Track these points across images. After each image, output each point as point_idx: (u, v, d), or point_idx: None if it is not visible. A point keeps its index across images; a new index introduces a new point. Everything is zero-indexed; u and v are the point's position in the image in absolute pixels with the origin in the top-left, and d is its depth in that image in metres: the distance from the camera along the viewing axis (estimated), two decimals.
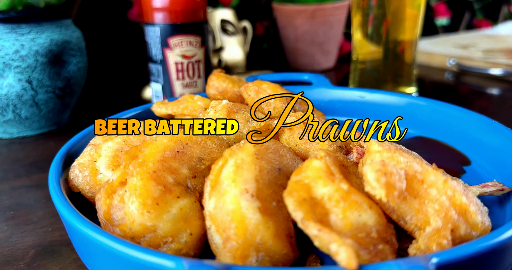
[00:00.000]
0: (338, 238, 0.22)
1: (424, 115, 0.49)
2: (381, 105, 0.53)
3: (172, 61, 0.62)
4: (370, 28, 0.60)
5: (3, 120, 0.64)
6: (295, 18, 0.99)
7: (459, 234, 0.25)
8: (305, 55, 1.04)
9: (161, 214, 0.28)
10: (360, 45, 0.63)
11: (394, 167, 0.25)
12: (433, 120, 0.48)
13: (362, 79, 0.66)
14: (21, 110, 0.64)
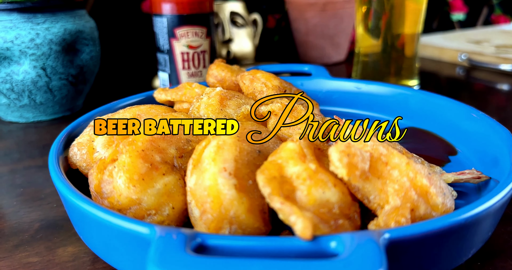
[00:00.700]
0: (297, 211, 0.24)
1: (416, 106, 0.50)
2: (376, 96, 0.54)
3: (178, 51, 0.64)
4: (371, 22, 0.61)
5: (20, 105, 0.68)
6: (306, 11, 1.00)
7: (419, 214, 0.26)
8: (316, 48, 1.05)
9: (145, 189, 0.30)
10: (361, 38, 0.64)
11: (359, 149, 0.27)
12: (425, 111, 0.49)
13: (364, 72, 0.67)
14: (36, 96, 0.67)
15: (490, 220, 0.28)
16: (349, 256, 0.21)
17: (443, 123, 0.47)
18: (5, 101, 0.67)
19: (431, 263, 0.26)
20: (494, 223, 0.30)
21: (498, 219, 0.31)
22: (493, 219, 0.29)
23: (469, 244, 0.27)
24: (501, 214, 0.31)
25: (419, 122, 0.50)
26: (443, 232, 0.25)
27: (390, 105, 0.53)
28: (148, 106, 0.41)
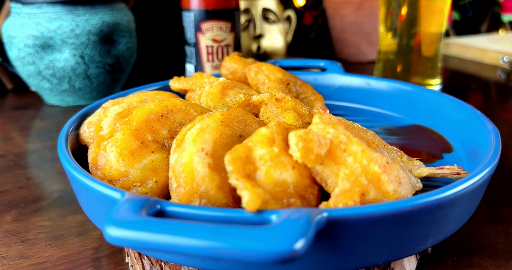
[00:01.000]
0: (248, 186, 0.27)
1: (422, 104, 0.51)
2: (385, 92, 0.55)
3: (203, 44, 0.68)
4: (389, 21, 0.61)
5: (60, 90, 0.75)
6: (342, 8, 1.00)
7: (369, 199, 0.28)
8: (351, 46, 1.05)
9: (133, 163, 0.34)
10: (382, 37, 0.65)
11: (318, 136, 0.29)
12: (430, 109, 0.50)
13: (385, 70, 0.67)
14: (75, 82, 0.74)
15: (444, 212, 0.29)
16: (278, 225, 0.23)
17: (445, 121, 0.47)
18: (48, 86, 0.74)
19: (378, 246, 0.28)
20: (457, 216, 0.31)
21: (465, 212, 0.31)
22: (451, 212, 0.29)
23: (419, 233, 0.28)
24: (468, 208, 0.32)
25: (423, 120, 0.51)
26: (381, 217, 0.26)
27: (397, 101, 0.54)
28: (155, 92, 0.45)
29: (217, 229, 0.23)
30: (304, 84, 0.52)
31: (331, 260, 0.28)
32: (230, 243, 0.22)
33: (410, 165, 0.37)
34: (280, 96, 0.39)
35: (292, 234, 0.22)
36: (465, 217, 0.32)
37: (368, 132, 0.36)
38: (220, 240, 0.22)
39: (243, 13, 0.86)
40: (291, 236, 0.22)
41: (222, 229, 0.23)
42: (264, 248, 0.21)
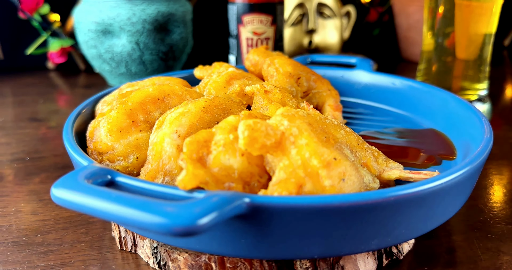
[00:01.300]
0: (189, 167, 0.29)
1: (442, 109, 0.48)
2: (408, 93, 0.53)
3: (244, 36, 0.70)
4: (430, 19, 0.58)
5: (119, 73, 0.82)
6: (408, 5, 0.97)
7: (305, 191, 0.28)
8: (417, 45, 1.01)
9: (119, 139, 0.38)
10: (424, 36, 0.62)
11: (267, 126, 0.30)
12: (448, 115, 0.47)
13: (426, 72, 0.64)
14: (131, 66, 0.80)
15: (383, 215, 0.28)
16: (192, 202, 0.25)
17: (458, 128, 0.45)
18: (108, 68, 0.82)
19: (308, 239, 0.28)
20: (410, 222, 0.30)
21: (421, 220, 0.30)
22: (395, 216, 0.29)
23: (353, 232, 0.28)
24: (426, 215, 0.30)
25: (440, 124, 0.48)
26: (300, 209, 0.26)
27: (418, 103, 0.52)
28: (166, 77, 0.49)
29: (135, 200, 0.25)
30: (320, 80, 0.52)
31: (262, 246, 0.29)
32: (138, 214, 0.24)
33: (384, 166, 0.36)
34: (269, 88, 0.40)
35: (197, 211, 0.24)
36: (424, 225, 0.31)
37: (342, 130, 0.35)
38: (131, 209, 0.24)
39: (297, 7, 0.87)
40: (195, 212, 0.24)
41: (140, 200, 0.25)
42: (166, 221, 0.23)
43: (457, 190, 0.32)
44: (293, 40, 0.88)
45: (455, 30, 0.54)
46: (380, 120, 0.52)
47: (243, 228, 0.28)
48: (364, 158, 0.35)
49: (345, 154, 0.32)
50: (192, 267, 0.32)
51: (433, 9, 0.57)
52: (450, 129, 0.46)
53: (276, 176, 0.29)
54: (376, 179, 0.33)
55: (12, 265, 0.36)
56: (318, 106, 0.51)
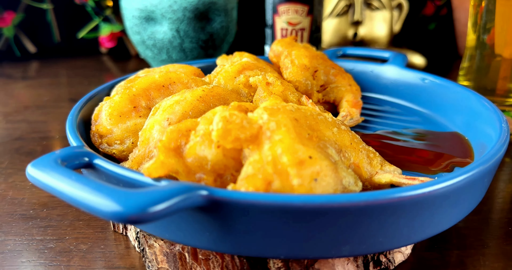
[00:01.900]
0: (160, 155, 0.28)
1: (469, 112, 0.44)
2: (438, 93, 0.49)
3: (278, 26, 0.69)
4: (474, 15, 0.53)
5: (160, 60, 0.84)
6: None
7: (273, 189, 0.27)
8: None
9: (117, 123, 0.38)
10: (468, 31, 0.57)
11: (242, 119, 0.29)
12: (474, 119, 0.43)
13: (468, 70, 0.59)
14: (172, 53, 0.82)
15: (353, 221, 0.26)
16: (146, 191, 0.24)
17: (484, 135, 0.41)
18: (151, 55, 0.84)
19: (272, 238, 0.27)
20: (387, 230, 0.28)
21: (402, 230, 0.28)
22: (368, 223, 0.27)
23: (320, 236, 0.26)
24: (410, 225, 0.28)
25: (465, 129, 0.44)
26: (259, 207, 0.25)
27: (447, 104, 0.48)
28: (181, 65, 0.49)
29: (91, 184, 0.25)
30: (341, 74, 0.49)
31: (226, 241, 0.28)
32: (91, 198, 0.24)
33: (377, 168, 0.33)
34: (271, 80, 0.39)
35: (147, 200, 0.24)
36: (406, 236, 0.29)
37: (334, 128, 0.33)
38: (85, 193, 0.25)
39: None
40: (144, 201, 0.24)
41: (96, 185, 0.25)
42: (113, 207, 0.23)
43: (450, 201, 0.29)
44: (337, 31, 0.85)
45: (495, 25, 0.49)
46: (403, 120, 0.49)
47: (206, 220, 0.28)
48: (355, 159, 0.33)
49: (328, 154, 0.31)
50: (167, 255, 0.33)
51: (477, 2, 0.52)
52: (474, 134, 0.42)
53: (244, 170, 0.28)
54: (359, 182, 0.31)
55: (13, 236, 0.38)
56: (336, 101, 0.49)
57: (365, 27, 0.84)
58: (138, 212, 0.23)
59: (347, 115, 0.46)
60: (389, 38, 0.87)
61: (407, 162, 0.39)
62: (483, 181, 0.31)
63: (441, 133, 0.45)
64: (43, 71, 0.94)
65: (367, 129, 0.47)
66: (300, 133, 0.30)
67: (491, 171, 0.32)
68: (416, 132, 0.45)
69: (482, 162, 0.30)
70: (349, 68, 0.58)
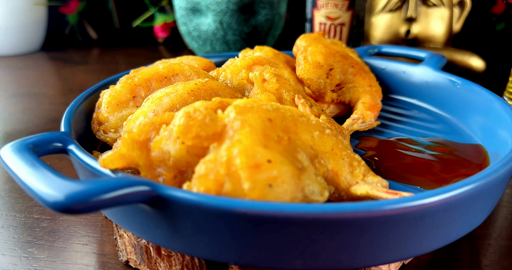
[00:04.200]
0: (122, 147, 0.28)
1: (500, 124, 0.39)
2: (469, 100, 0.44)
3: (317, 21, 0.66)
4: None
5: (205, 51, 0.85)
6: None
7: (225, 191, 0.26)
8: None
9: (114, 111, 0.39)
10: None
11: (208, 117, 0.28)
12: (501, 134, 0.38)
13: None
14: (216, 45, 0.82)
15: (305, 230, 0.24)
16: (83, 181, 0.24)
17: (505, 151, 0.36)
18: (196, 46, 0.85)
19: (219, 243, 0.26)
20: (347, 243, 0.25)
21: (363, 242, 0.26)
22: (324, 234, 0.24)
23: (270, 245, 0.25)
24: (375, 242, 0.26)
25: (490, 143, 0.39)
26: (197, 208, 0.24)
27: (477, 113, 0.43)
28: (195, 57, 0.48)
29: (39, 171, 0.26)
30: (360, 74, 0.46)
31: (176, 240, 0.27)
32: (34, 184, 0.25)
33: (358, 179, 0.31)
34: (267, 76, 0.37)
35: (83, 191, 0.24)
36: (376, 255, 0.26)
37: (316, 131, 0.31)
38: (32, 178, 0.25)
39: None
40: (80, 193, 0.24)
41: (42, 172, 0.26)
42: (48, 196, 0.24)
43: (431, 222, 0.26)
44: (389, 28, 0.80)
45: None
46: (426, 127, 0.45)
47: (156, 217, 0.27)
48: (335, 166, 0.31)
49: (296, 159, 0.29)
50: (135, 247, 0.33)
51: None
52: (497, 148, 0.38)
53: (197, 169, 0.27)
54: (326, 191, 0.28)
55: (14, 212, 0.41)
56: (351, 102, 0.46)
57: (420, 25, 0.78)
58: (75, 203, 0.23)
59: (359, 118, 0.43)
60: (446, 38, 0.80)
61: (408, 174, 0.35)
62: (480, 200, 0.27)
63: (461, 144, 0.40)
64: (102, 57, 0.99)
65: (382, 134, 0.44)
66: (268, 135, 0.28)
67: (492, 190, 0.28)
68: (434, 141, 0.41)
69: (477, 179, 0.27)
70: (381, 67, 0.54)
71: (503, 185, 0.30)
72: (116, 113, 0.39)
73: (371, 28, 0.83)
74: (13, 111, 0.67)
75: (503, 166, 0.28)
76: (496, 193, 0.30)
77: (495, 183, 0.28)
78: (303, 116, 0.32)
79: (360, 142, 0.42)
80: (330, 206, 0.24)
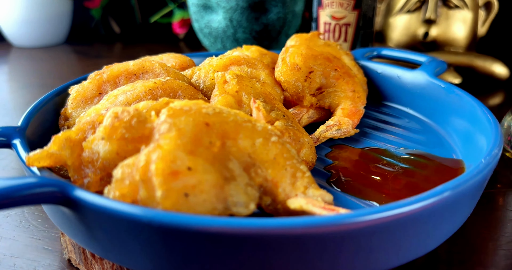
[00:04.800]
0: (52, 145, 0.28)
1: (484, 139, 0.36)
2: (459, 111, 0.40)
3: (322, 20, 0.63)
4: None
5: (216, 49, 0.84)
6: None
7: (140, 199, 0.24)
8: None
9: (77, 108, 0.39)
10: None
11: (135, 119, 0.27)
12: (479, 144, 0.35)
13: None
14: (226, 43, 0.81)
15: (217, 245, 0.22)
16: (7, 180, 0.24)
17: None
18: (208, 43, 0.84)
19: (133, 251, 0.25)
20: (270, 259, 0.23)
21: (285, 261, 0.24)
22: (239, 249, 0.23)
23: (180, 257, 0.23)
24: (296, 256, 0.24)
25: (472, 159, 0.36)
26: (101, 214, 0.23)
27: (465, 125, 0.39)
28: (175, 55, 0.48)
29: None
30: (344, 78, 0.43)
31: (95, 243, 0.26)
32: None
33: (299, 191, 0.28)
34: (228, 77, 0.36)
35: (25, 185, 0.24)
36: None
37: (259, 138, 0.29)
38: None
39: None
40: None
41: None
42: None
43: (362, 243, 0.24)
44: (407, 29, 0.76)
45: None
46: (409, 138, 0.42)
47: (74, 219, 0.26)
48: (274, 176, 0.29)
49: (226, 167, 0.27)
50: (74, 247, 0.32)
51: None
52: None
53: (114, 173, 0.26)
54: (252, 204, 0.26)
55: None
56: (331, 108, 0.44)
57: (439, 27, 0.74)
58: None
59: (335, 125, 0.41)
60: (468, 42, 0.75)
61: (367, 188, 0.33)
62: (425, 222, 0.25)
63: (441, 159, 0.37)
64: (125, 52, 1.00)
65: (359, 143, 0.41)
66: (198, 140, 0.27)
67: (442, 211, 0.26)
68: (412, 154, 0.38)
69: (420, 199, 0.24)
70: (377, 71, 0.51)
71: (459, 206, 0.27)
72: (79, 109, 0.39)
73: (388, 29, 0.79)
74: (19, 102, 0.68)
75: (458, 186, 0.25)
76: (449, 215, 0.27)
77: (442, 206, 0.25)
78: (249, 122, 0.30)
79: (332, 150, 0.40)
80: (230, 221, 0.22)
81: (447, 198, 0.25)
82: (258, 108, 0.33)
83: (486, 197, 0.38)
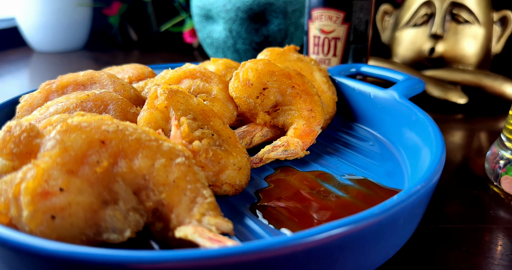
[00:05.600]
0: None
1: None
2: (423, 139, 0.37)
3: (311, 34, 0.61)
4: None
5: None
6: None
7: (12, 216, 0.24)
8: None
9: (23, 115, 0.39)
10: None
11: (24, 134, 0.26)
12: None
13: None
14: (227, 54, 0.80)
15: None
16: None
17: None
18: (210, 53, 0.84)
19: None
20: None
21: None
22: None
23: None
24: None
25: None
26: None
27: (419, 152, 0.36)
28: (136, 65, 0.47)
29: None
30: (301, 96, 0.41)
31: None
32: None
33: (193, 219, 0.26)
34: (159, 92, 0.35)
35: None
36: None
37: (159, 159, 0.27)
38: None
39: (423, 5, 0.70)
40: None
41: None
42: None
43: None
44: (413, 44, 0.71)
45: None
46: (363, 163, 0.39)
47: None
48: (170, 201, 0.27)
49: (110, 189, 0.26)
50: None
51: None
52: None
53: None
54: (127, 231, 0.25)
55: None
56: (285, 126, 0.41)
57: (446, 43, 0.69)
58: None
59: (282, 146, 0.38)
60: (479, 59, 0.70)
61: (289, 216, 0.30)
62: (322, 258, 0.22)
63: (385, 190, 0.34)
64: (141, 59, 1.02)
65: (307, 166, 0.38)
66: (83, 159, 0.26)
67: (351, 243, 0.23)
68: (357, 181, 0.35)
69: (319, 230, 0.22)
70: (350, 88, 0.48)
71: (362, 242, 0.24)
72: (26, 117, 0.39)
73: (394, 43, 0.75)
74: None
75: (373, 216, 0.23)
76: (357, 252, 0.24)
77: (333, 245, 0.23)
78: (155, 141, 0.29)
79: (274, 172, 0.37)
80: (79, 251, 0.20)
81: (336, 239, 0.22)
82: (177, 125, 0.32)
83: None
